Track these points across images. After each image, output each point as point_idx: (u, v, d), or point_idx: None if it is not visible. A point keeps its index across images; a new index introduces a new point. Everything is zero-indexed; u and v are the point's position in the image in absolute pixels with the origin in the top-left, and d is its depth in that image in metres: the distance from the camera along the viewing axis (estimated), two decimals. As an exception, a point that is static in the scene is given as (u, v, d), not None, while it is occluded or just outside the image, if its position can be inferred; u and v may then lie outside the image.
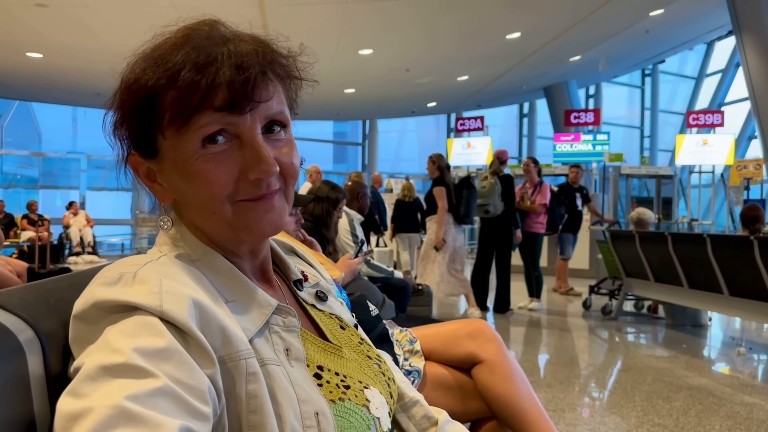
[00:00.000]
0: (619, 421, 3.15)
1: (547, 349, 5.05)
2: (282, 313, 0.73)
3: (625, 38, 11.81)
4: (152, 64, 0.67)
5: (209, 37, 0.68)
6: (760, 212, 5.01)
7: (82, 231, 11.85)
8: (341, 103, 15.88)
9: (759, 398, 3.54)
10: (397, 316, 2.98)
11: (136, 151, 0.72)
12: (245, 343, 0.65)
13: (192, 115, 0.66)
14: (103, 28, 9.10)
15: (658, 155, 18.54)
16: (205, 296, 0.64)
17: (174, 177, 0.70)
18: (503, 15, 9.58)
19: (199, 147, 0.67)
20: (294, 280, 0.85)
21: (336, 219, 3.28)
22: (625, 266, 5.91)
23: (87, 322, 0.60)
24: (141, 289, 0.61)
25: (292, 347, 0.71)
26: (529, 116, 18.97)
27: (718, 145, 11.65)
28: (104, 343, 0.57)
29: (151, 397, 0.52)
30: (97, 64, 10.76)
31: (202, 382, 0.58)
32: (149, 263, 0.66)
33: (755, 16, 9.93)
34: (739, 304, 4.41)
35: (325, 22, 9.46)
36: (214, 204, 0.68)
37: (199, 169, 0.67)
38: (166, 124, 0.67)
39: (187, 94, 0.65)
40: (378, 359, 0.86)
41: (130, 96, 0.69)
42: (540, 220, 6.51)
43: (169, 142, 0.68)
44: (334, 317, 0.87)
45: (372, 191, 7.76)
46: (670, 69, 18.78)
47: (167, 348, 0.57)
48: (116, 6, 8.21)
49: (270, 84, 0.69)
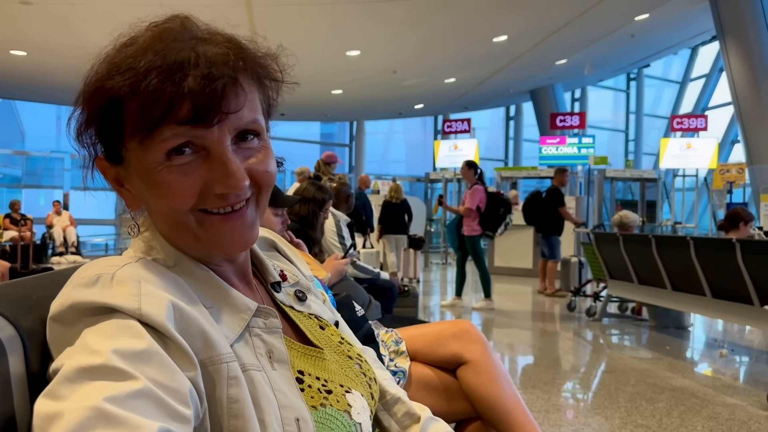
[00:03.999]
0: (603, 422, 3.17)
1: (532, 350, 5.07)
2: (263, 315, 0.71)
3: (610, 42, 11.91)
4: (114, 69, 0.64)
5: (177, 39, 0.64)
6: (743, 214, 5.05)
7: (66, 231, 11.73)
8: (328, 104, 15.86)
9: (740, 399, 3.57)
10: (383, 317, 2.98)
11: (103, 155, 0.69)
12: (226, 346, 0.64)
13: (154, 128, 0.62)
14: (88, 26, 9.03)
15: (643, 159, 18.70)
16: (184, 300, 0.63)
17: (139, 186, 0.67)
18: (490, 18, 9.62)
19: (163, 159, 0.63)
20: (272, 282, 0.83)
21: (322, 220, 3.27)
22: (609, 268, 5.95)
23: (64, 324, 0.59)
24: (119, 291, 0.60)
25: (275, 349, 0.70)
26: (516, 119, 19.06)
27: (702, 149, 11.78)
28: (83, 344, 0.56)
29: (131, 399, 0.51)
30: (81, 63, 10.50)
31: (183, 384, 0.57)
32: (127, 265, 0.64)
33: (738, 22, 10.06)
34: (721, 306, 4.45)
35: (312, 23, 9.45)
36: (178, 215, 0.66)
37: (162, 181, 0.64)
38: (128, 136, 0.64)
39: (149, 105, 0.61)
40: (359, 358, 0.85)
41: (92, 101, 0.66)
42: (469, 223, 6.62)
43: (133, 153, 0.65)
44: (314, 317, 0.85)
45: (358, 193, 7.77)
46: (654, 73, 18.95)
47: (147, 350, 0.56)
48: (102, 4, 8.14)
49: (241, 93, 0.65)
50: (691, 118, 12.40)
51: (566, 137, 13.05)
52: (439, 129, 18.46)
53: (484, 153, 16.44)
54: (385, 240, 8.41)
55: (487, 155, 18.06)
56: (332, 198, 3.44)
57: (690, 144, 11.91)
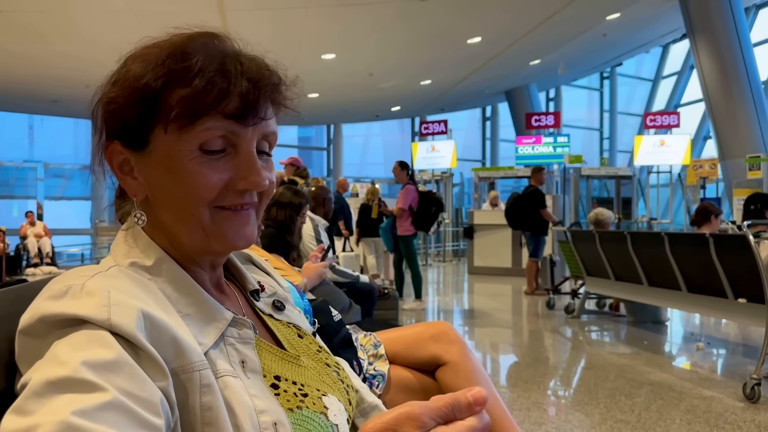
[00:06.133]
0: (583, 418, 3.20)
1: (512, 349, 5.10)
2: (237, 326, 0.72)
3: (583, 42, 12.05)
4: (165, 59, 0.68)
5: (220, 48, 0.71)
6: (711, 208, 5.13)
7: (40, 242, 11.55)
8: (305, 107, 15.69)
9: (717, 392, 3.63)
10: (363, 320, 2.98)
11: (118, 140, 0.71)
12: (199, 354, 0.64)
13: (201, 116, 0.67)
14: (59, 34, 8.92)
15: (618, 156, 18.94)
16: (155, 308, 0.63)
17: (158, 172, 0.70)
18: (464, 20, 9.68)
19: (196, 148, 0.68)
20: (251, 291, 0.84)
21: (300, 224, 3.26)
22: (586, 265, 6.01)
23: (34, 337, 0.59)
24: (89, 302, 0.59)
25: (248, 359, 0.70)
26: (492, 119, 19.19)
27: (675, 146, 11.95)
28: (52, 356, 0.56)
29: (100, 412, 0.51)
30: (53, 71, 10.54)
31: (154, 394, 0.56)
32: (98, 274, 0.64)
33: (707, 20, 10.24)
34: (697, 300, 4.51)
35: (286, 27, 9.43)
36: (195, 206, 0.69)
37: (192, 170, 0.68)
38: (171, 119, 0.67)
39: (201, 95, 0.66)
40: (336, 366, 0.86)
41: (135, 86, 0.68)
42: (402, 223, 6.66)
43: (168, 137, 0.68)
44: (292, 326, 0.86)
45: (337, 196, 7.76)
46: (627, 72, 19.21)
47: (116, 360, 0.56)
48: (72, 12, 8.04)
49: (271, 106, 0.72)
50: (663, 116, 12.56)
51: (542, 137, 13.16)
52: (416, 131, 18.52)
53: (462, 154, 16.50)
54: (364, 243, 8.40)
55: (464, 156, 18.15)
56: (309, 202, 3.43)
57: (663, 141, 12.07)
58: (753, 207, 4.66)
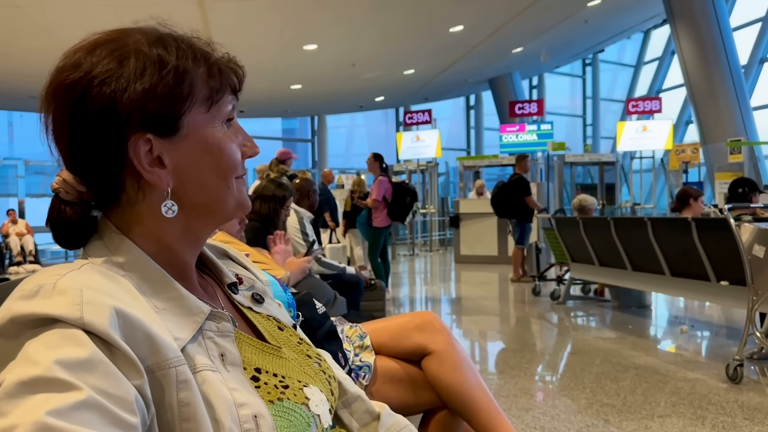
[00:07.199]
0: (570, 403, 3.24)
1: (499, 336, 5.14)
2: (216, 319, 0.71)
3: (564, 29, 12.08)
4: (177, 47, 0.71)
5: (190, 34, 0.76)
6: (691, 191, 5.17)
7: (22, 240, 11.43)
8: (288, 99, 15.75)
9: (701, 374, 3.68)
10: (349, 312, 2.98)
11: (148, 131, 0.68)
12: (175, 350, 0.63)
13: (223, 94, 0.74)
14: (36, 29, 8.79)
15: (601, 142, 19.06)
16: (130, 304, 0.62)
17: (194, 154, 0.71)
18: (446, 8, 9.67)
19: (223, 123, 0.74)
20: (228, 284, 0.84)
21: (284, 217, 3.25)
22: (570, 252, 6.05)
23: (5, 338, 0.58)
24: (60, 301, 0.58)
25: (227, 352, 0.70)
26: (476, 108, 19.22)
27: (658, 131, 12.03)
28: (24, 357, 0.55)
29: (75, 411, 0.51)
30: (31, 66, 10.36)
31: (129, 392, 0.56)
32: (70, 273, 0.63)
33: (687, 5, 10.29)
34: (680, 283, 4.56)
35: (266, 18, 9.36)
36: (231, 178, 0.74)
37: (226, 144, 0.73)
38: (205, 98, 0.72)
39: (219, 75, 0.73)
40: (318, 358, 0.86)
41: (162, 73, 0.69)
42: (377, 215, 6.68)
43: (202, 117, 0.72)
44: (272, 319, 0.86)
45: (322, 188, 7.74)
46: (609, 58, 19.31)
47: (90, 358, 0.55)
48: (49, 5, 7.93)
49: None
50: (645, 101, 12.64)
51: (525, 125, 13.19)
52: (400, 121, 18.49)
53: (446, 143, 16.53)
54: (351, 234, 8.40)
55: (449, 145, 18.18)
56: (293, 195, 3.42)
57: (646, 126, 12.15)
58: (741, 190, 4.72)
